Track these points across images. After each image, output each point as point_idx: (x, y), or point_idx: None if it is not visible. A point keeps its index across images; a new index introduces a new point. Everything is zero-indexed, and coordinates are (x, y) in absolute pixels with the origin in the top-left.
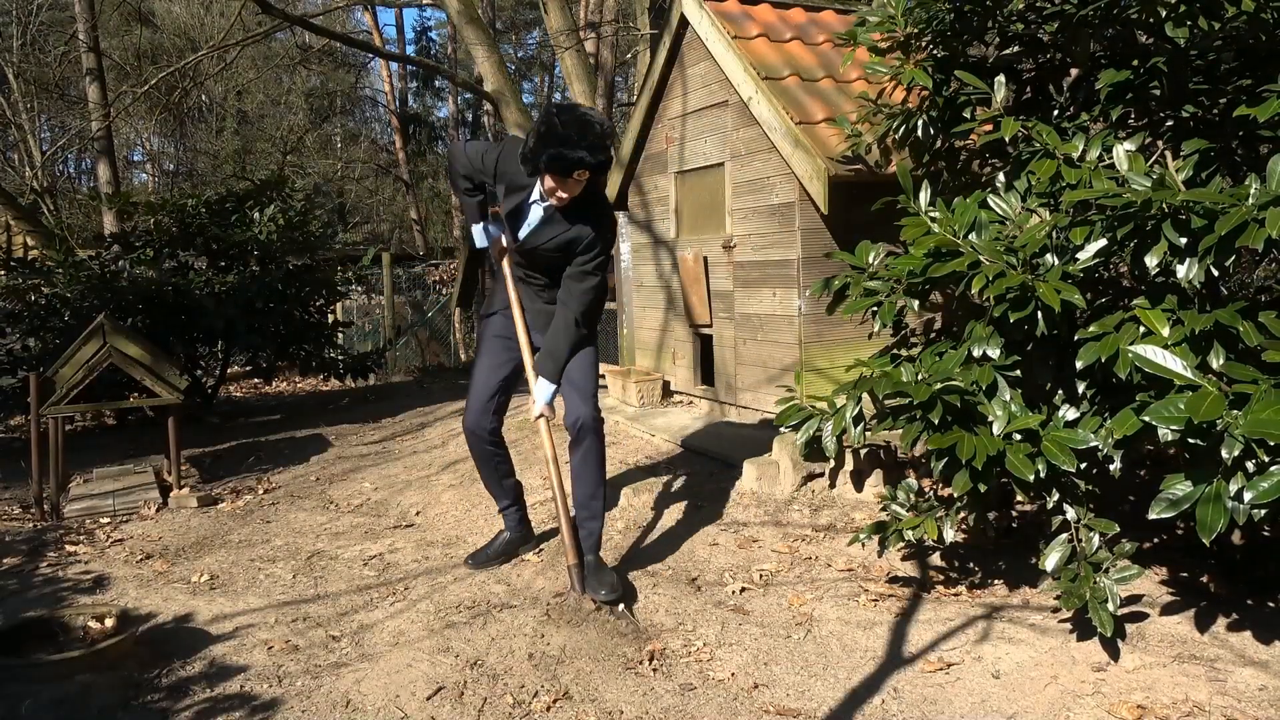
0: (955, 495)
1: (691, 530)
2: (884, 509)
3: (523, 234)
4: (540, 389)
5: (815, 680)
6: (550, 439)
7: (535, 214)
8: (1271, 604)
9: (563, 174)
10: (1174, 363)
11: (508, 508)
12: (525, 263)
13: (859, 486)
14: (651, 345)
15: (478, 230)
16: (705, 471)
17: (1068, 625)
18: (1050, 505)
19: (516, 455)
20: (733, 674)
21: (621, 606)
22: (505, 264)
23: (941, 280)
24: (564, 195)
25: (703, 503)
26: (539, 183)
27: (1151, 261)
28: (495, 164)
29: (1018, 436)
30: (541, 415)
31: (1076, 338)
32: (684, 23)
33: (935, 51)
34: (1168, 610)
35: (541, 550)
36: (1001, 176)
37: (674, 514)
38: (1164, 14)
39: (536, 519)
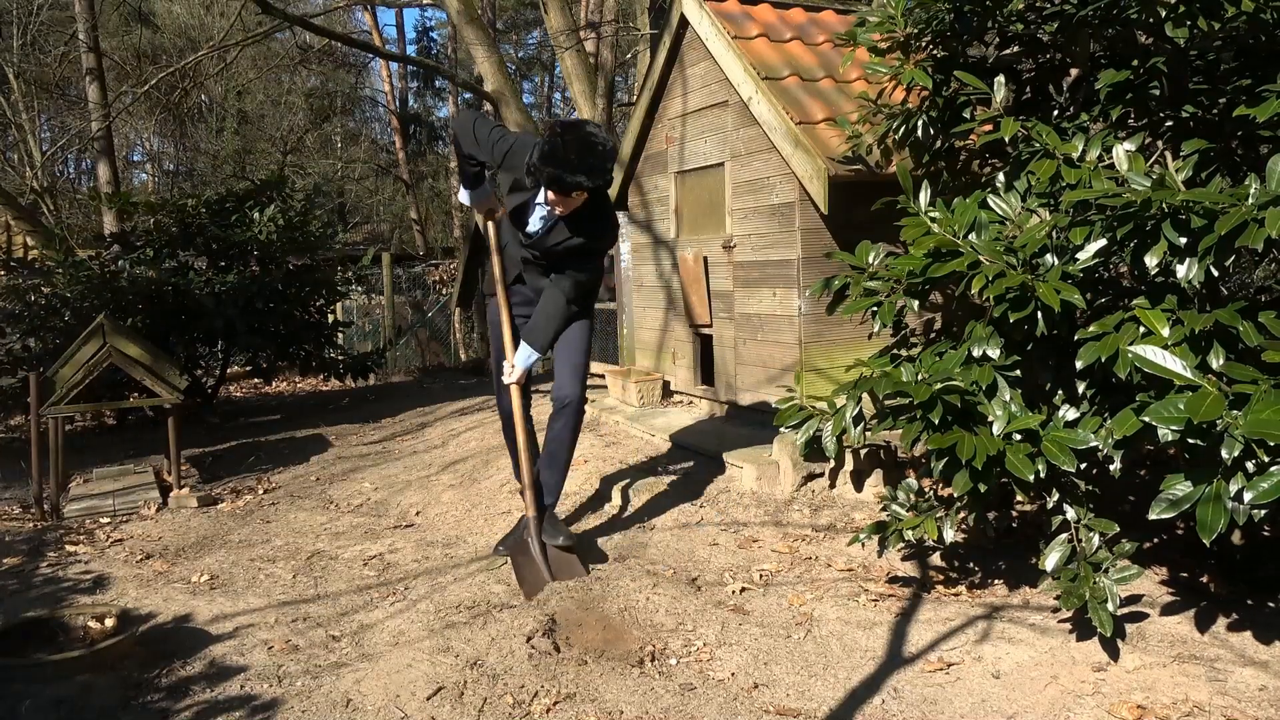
0: (955, 495)
1: (691, 530)
2: (884, 509)
3: (530, 229)
4: (522, 354)
5: (815, 680)
6: (519, 400)
7: (540, 214)
8: (1271, 604)
9: (562, 192)
10: (1174, 363)
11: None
12: (532, 252)
13: (859, 486)
14: (651, 345)
15: (464, 195)
16: (705, 471)
17: (1068, 625)
18: (1050, 505)
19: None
20: (733, 674)
21: (575, 558)
22: (490, 229)
23: (941, 280)
24: (564, 209)
25: (703, 503)
26: (542, 191)
27: (1151, 261)
28: (504, 157)
29: (1018, 436)
30: (516, 380)
31: (1076, 338)
32: (684, 23)
33: (935, 52)
34: (1168, 610)
35: None
36: (1001, 176)
37: (674, 514)
38: (1164, 14)
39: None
